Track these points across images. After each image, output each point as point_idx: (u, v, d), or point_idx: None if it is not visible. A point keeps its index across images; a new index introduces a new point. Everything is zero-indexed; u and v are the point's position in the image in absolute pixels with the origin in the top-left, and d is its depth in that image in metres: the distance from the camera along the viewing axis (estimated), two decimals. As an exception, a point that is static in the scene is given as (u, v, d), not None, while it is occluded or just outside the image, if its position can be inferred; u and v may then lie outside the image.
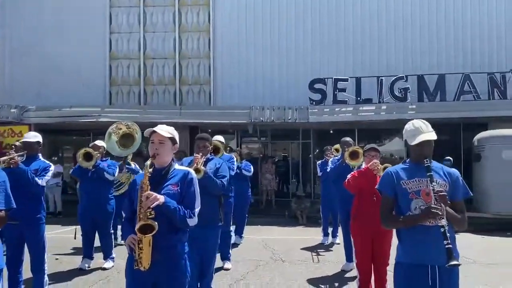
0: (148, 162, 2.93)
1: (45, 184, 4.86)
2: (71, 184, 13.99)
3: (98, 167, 6.33)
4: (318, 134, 15.23)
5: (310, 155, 15.39)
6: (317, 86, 13.48)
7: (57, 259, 6.96)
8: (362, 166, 5.11)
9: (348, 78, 13.36)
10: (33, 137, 5.02)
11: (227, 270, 6.31)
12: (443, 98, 12.99)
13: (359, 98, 13.26)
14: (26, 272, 4.87)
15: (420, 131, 2.81)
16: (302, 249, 7.85)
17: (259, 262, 6.85)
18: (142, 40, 15.80)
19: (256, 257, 7.18)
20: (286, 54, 15.25)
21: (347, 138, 6.32)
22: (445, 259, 2.55)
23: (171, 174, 3.04)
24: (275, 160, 15.32)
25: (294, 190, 13.94)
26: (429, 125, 2.85)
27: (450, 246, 2.54)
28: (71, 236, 7.06)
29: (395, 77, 13.24)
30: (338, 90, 13.20)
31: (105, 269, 6.36)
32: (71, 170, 6.85)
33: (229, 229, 6.63)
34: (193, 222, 2.97)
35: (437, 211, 2.59)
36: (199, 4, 15.78)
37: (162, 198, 2.83)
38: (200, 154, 4.36)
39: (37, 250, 4.82)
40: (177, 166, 3.12)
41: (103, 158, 6.60)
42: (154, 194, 2.81)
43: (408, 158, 2.99)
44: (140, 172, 3.56)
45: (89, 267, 6.40)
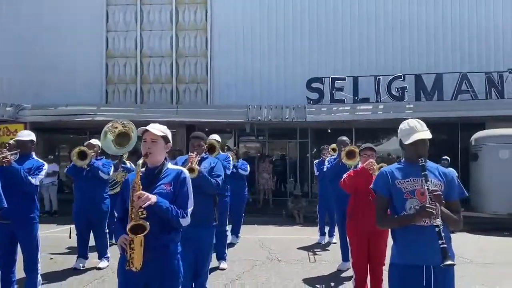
0: (140, 161, 2.89)
1: (38, 183, 4.80)
2: (67, 183, 13.92)
3: (92, 166, 6.29)
4: (315, 133, 15.20)
5: (307, 155, 15.37)
6: (314, 85, 13.46)
7: (51, 259, 6.92)
8: (358, 165, 5.08)
9: (345, 77, 13.35)
10: (26, 135, 4.96)
11: (223, 270, 6.28)
12: (441, 98, 12.98)
13: (357, 97, 13.24)
14: (19, 272, 4.81)
15: (414, 130, 2.79)
16: (298, 248, 7.82)
17: (255, 261, 6.82)
18: (139, 38, 15.75)
19: (252, 256, 7.15)
20: (284, 53, 15.21)
21: (344, 138, 6.29)
22: (440, 259, 2.53)
23: (164, 174, 3.01)
24: (273, 159, 15.30)
25: (292, 189, 13.92)
26: (424, 124, 2.83)
27: (445, 245, 2.52)
28: (67, 235, 7.01)
29: (393, 76, 13.22)
30: (335, 89, 13.19)
31: (100, 268, 6.33)
32: (66, 169, 6.81)
33: (225, 228, 6.60)
34: (185, 222, 2.94)
35: (431, 211, 2.56)
36: (197, 2, 15.74)
37: (154, 198, 2.79)
38: (194, 153, 4.32)
39: (30, 250, 4.76)
40: (170, 165, 3.09)
41: (98, 157, 6.57)
42: (146, 193, 2.77)
43: (403, 158, 2.96)
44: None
45: (83, 267, 6.37)
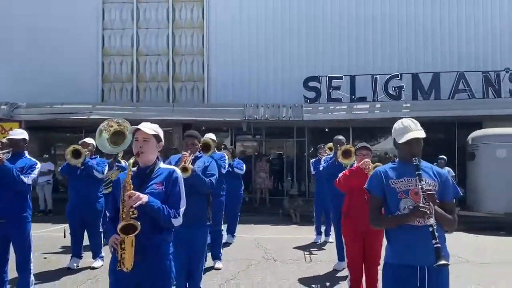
0: (131, 160, 2.85)
1: (31, 182, 4.74)
2: (63, 182, 13.85)
3: (87, 165, 6.24)
4: (312, 132, 15.18)
5: (304, 154, 15.34)
6: (311, 84, 13.42)
7: (45, 258, 6.88)
8: (354, 164, 5.05)
9: (342, 76, 13.32)
10: (19, 134, 4.91)
11: (218, 269, 6.24)
12: (438, 97, 12.97)
13: (354, 96, 13.22)
14: (12, 271, 4.78)
15: (408, 130, 2.77)
16: (294, 248, 7.79)
17: (251, 261, 6.79)
18: (135, 36, 15.67)
19: (248, 256, 7.11)
20: (281, 51, 15.17)
21: (340, 137, 6.26)
22: (434, 259, 2.50)
23: (156, 173, 2.97)
24: (270, 158, 15.26)
25: (289, 188, 13.88)
26: (418, 123, 2.81)
27: (439, 245, 2.50)
28: (61, 234, 6.97)
29: (390, 75, 13.21)
30: (332, 88, 13.16)
31: (94, 268, 6.28)
32: (60, 168, 6.76)
33: (220, 228, 6.56)
34: (177, 222, 2.90)
35: (425, 210, 2.53)
36: (193, 0, 15.67)
37: (146, 198, 2.75)
38: (188, 152, 4.28)
39: (22, 249, 4.72)
40: (162, 165, 3.05)
41: (93, 156, 6.52)
42: (137, 193, 2.74)
43: (397, 158, 2.94)
44: None
45: (77, 266, 6.32)
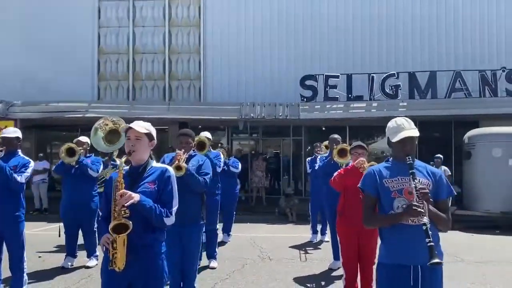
0: (122, 159, 2.82)
1: (24, 180, 4.71)
2: (59, 180, 13.77)
3: (81, 163, 6.19)
4: (309, 131, 15.16)
5: (301, 152, 15.32)
6: (308, 82, 13.40)
7: (40, 257, 6.84)
8: (349, 163, 5.03)
9: (339, 75, 13.30)
10: (12, 132, 4.88)
11: (213, 268, 6.22)
12: (434, 96, 12.97)
13: (350, 95, 13.20)
14: (5, 270, 4.76)
15: (402, 128, 2.76)
16: (290, 247, 7.78)
17: (246, 260, 6.77)
18: (131, 34, 15.62)
19: (243, 255, 7.09)
20: (278, 50, 15.14)
21: (335, 136, 6.24)
22: (427, 258, 2.48)
23: (148, 172, 2.94)
24: (266, 157, 15.24)
25: (286, 187, 13.88)
26: (411, 122, 2.80)
27: (432, 244, 2.48)
28: (56, 233, 6.94)
29: (386, 74, 13.19)
30: (329, 87, 13.13)
31: (88, 267, 6.24)
32: (54, 167, 6.72)
33: (215, 227, 6.53)
34: (170, 221, 2.87)
35: (418, 209, 2.52)
36: (190, -2, 15.65)
37: (137, 197, 2.72)
38: (182, 150, 4.25)
39: (16, 249, 4.70)
40: (154, 164, 3.02)
41: (87, 154, 6.48)
42: (129, 192, 2.71)
43: (391, 157, 2.92)
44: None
45: (72, 266, 6.29)
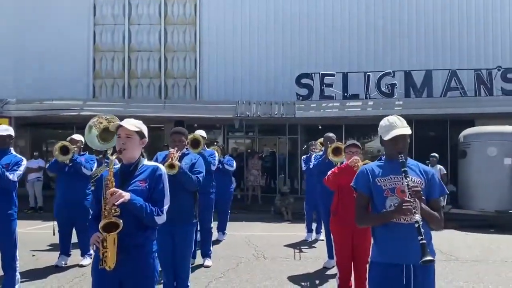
0: (113, 157, 2.79)
1: (16, 179, 4.66)
2: (54, 178, 13.69)
3: (75, 162, 6.16)
4: (306, 130, 15.16)
5: (297, 151, 15.31)
6: (304, 81, 13.39)
7: (33, 256, 6.81)
8: (344, 162, 5.02)
9: (335, 73, 13.29)
10: (4, 130, 4.84)
11: (207, 267, 6.21)
12: (430, 94, 12.99)
13: (346, 94, 13.20)
14: (-3, 269, 4.75)
15: (394, 126, 2.75)
16: (285, 246, 7.77)
17: (241, 259, 6.75)
18: (127, 32, 15.57)
19: (238, 254, 7.07)
20: (274, 49, 15.13)
21: (330, 134, 6.22)
22: (419, 257, 2.47)
23: (140, 170, 2.91)
24: (262, 155, 15.22)
25: (281, 186, 13.85)
26: (404, 120, 2.79)
27: (424, 241, 2.46)
28: (51, 232, 6.88)
29: (382, 72, 13.20)
30: (325, 85, 13.13)
31: (82, 266, 6.21)
32: (48, 165, 6.68)
33: (210, 225, 6.52)
34: (161, 220, 2.85)
35: (409, 207, 2.50)
36: (186, -4, 15.60)
37: (128, 195, 2.70)
38: (175, 148, 4.23)
39: (8, 247, 4.67)
40: (146, 162, 3.00)
41: (81, 153, 6.45)
42: (119, 191, 2.68)
43: (383, 156, 2.91)
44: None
45: (66, 264, 6.26)
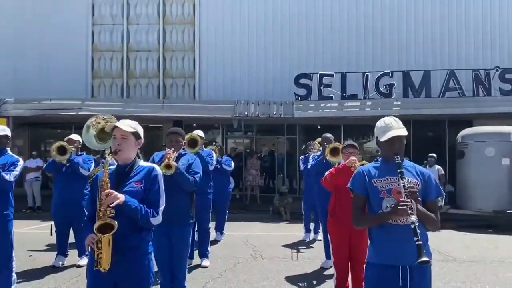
0: (108, 158, 2.78)
1: (12, 179, 4.67)
2: (52, 178, 13.67)
3: (72, 162, 6.15)
4: (304, 130, 15.16)
5: (296, 151, 15.31)
6: (302, 81, 13.38)
7: (30, 256, 6.80)
8: (341, 162, 5.02)
9: (333, 74, 13.28)
10: (1, 130, 4.83)
11: (205, 267, 6.20)
12: (428, 95, 12.99)
13: (345, 94, 13.19)
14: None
15: (390, 128, 2.74)
16: (283, 246, 7.77)
17: (239, 259, 6.75)
18: (125, 32, 15.56)
19: (236, 254, 7.07)
20: (272, 49, 15.13)
21: (328, 135, 6.22)
22: (416, 258, 2.46)
23: (135, 171, 2.90)
24: (261, 155, 15.21)
25: (280, 185, 13.86)
26: (400, 122, 2.78)
27: (420, 242, 2.45)
28: (48, 232, 6.87)
29: (381, 73, 13.19)
30: (323, 86, 13.12)
31: (79, 266, 6.19)
32: (45, 165, 6.67)
33: (207, 226, 6.51)
34: (156, 221, 2.84)
35: (405, 207, 2.50)
36: (184, -4, 15.59)
37: (123, 197, 2.68)
38: (172, 149, 4.22)
39: (4, 248, 4.67)
40: (141, 162, 2.98)
41: (79, 153, 6.44)
42: (114, 193, 2.67)
43: (380, 157, 2.91)
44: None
45: (63, 264, 6.25)
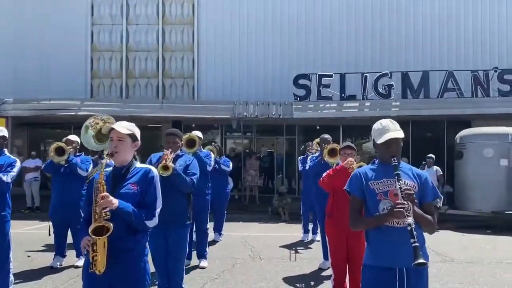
0: (104, 160, 2.77)
1: (10, 180, 4.65)
2: (51, 178, 13.66)
3: (70, 163, 6.16)
4: (303, 130, 15.16)
5: (295, 151, 15.30)
6: (301, 81, 13.39)
7: (29, 257, 6.80)
8: (339, 163, 5.02)
9: (332, 74, 13.29)
10: (-3, 131, 4.83)
11: (203, 268, 6.19)
12: (427, 95, 12.99)
13: (343, 95, 13.20)
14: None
15: (387, 130, 2.74)
16: (281, 246, 7.76)
17: (237, 260, 6.74)
18: (124, 32, 15.55)
19: (234, 255, 7.06)
20: (271, 49, 15.12)
21: (326, 135, 6.22)
22: (412, 260, 2.46)
23: (132, 173, 2.89)
24: (260, 156, 15.20)
25: (279, 186, 13.85)
26: (396, 124, 2.78)
27: (417, 244, 2.45)
28: (46, 232, 6.87)
29: (380, 73, 13.20)
30: (322, 86, 13.12)
31: (77, 267, 6.17)
32: (43, 166, 6.67)
33: (206, 226, 6.51)
34: (153, 223, 2.83)
35: (402, 209, 2.49)
36: (183, -4, 15.58)
37: (116, 203, 2.66)
38: (169, 150, 4.22)
39: (1, 249, 4.66)
40: (138, 164, 2.98)
41: (77, 153, 6.44)
42: (109, 197, 2.65)
43: (377, 159, 2.91)
44: None
45: (61, 265, 6.25)
